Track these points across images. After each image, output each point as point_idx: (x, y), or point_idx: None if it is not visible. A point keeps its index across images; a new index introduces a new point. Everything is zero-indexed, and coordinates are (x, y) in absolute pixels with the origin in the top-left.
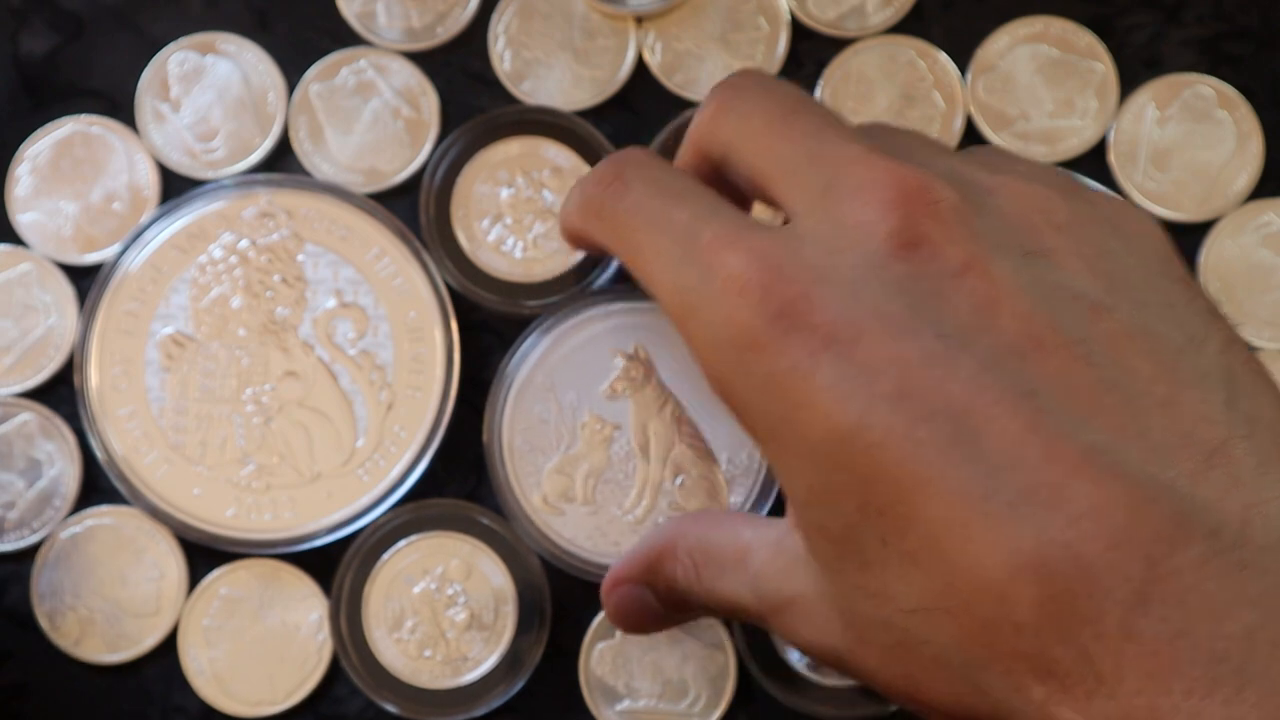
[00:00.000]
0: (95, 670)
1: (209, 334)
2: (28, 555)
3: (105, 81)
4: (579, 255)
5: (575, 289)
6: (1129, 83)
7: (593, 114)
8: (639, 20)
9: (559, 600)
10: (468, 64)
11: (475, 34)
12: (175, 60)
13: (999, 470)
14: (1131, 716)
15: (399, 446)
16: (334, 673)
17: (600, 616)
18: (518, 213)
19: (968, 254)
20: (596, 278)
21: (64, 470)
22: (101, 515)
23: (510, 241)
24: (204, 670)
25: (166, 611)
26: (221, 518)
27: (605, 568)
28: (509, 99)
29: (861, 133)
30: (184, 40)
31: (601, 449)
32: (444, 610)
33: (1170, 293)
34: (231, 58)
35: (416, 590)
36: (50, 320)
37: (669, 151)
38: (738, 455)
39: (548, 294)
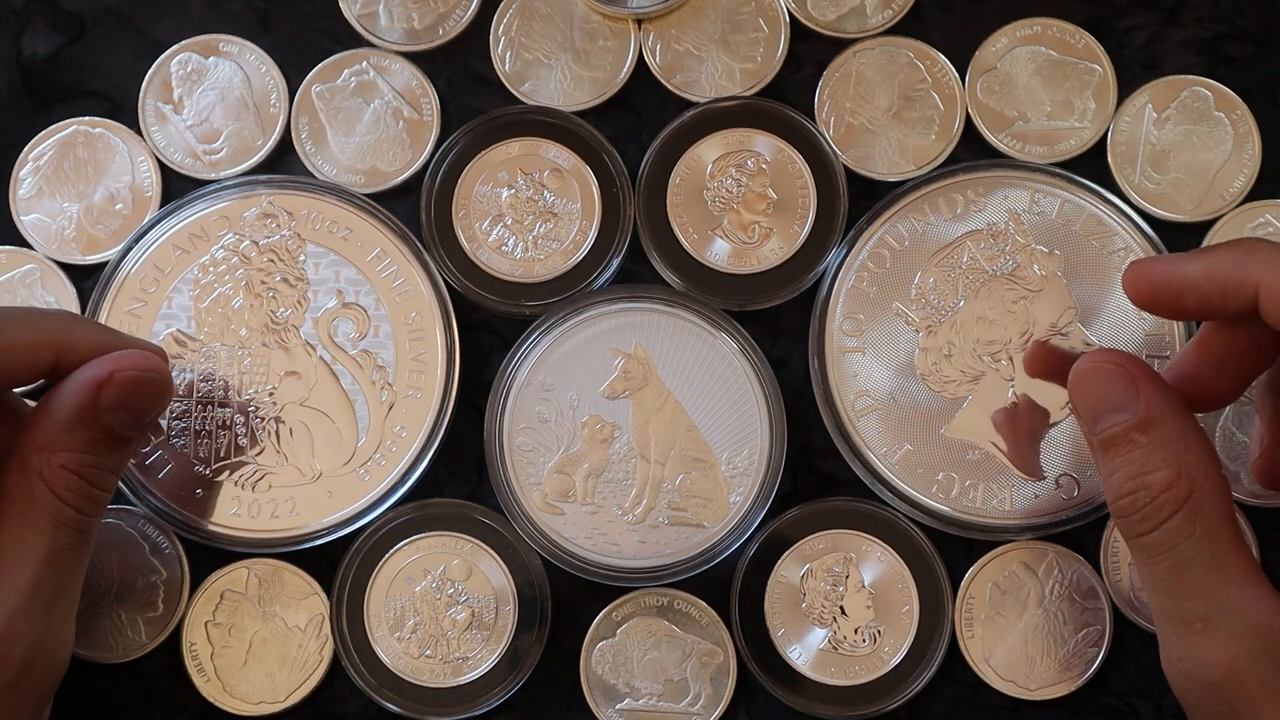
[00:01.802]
0: (96, 670)
1: (211, 334)
2: None
3: (107, 83)
4: (579, 255)
5: (575, 289)
6: (1127, 84)
7: (593, 114)
8: (639, 22)
9: (559, 600)
10: (469, 65)
11: (476, 35)
12: (177, 61)
13: None
14: None
15: (400, 446)
16: (334, 672)
17: (600, 616)
18: (518, 213)
19: None
20: (597, 278)
21: None
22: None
23: (510, 241)
24: (205, 669)
25: (167, 611)
26: (223, 517)
27: (605, 568)
28: (509, 100)
29: None
30: (186, 42)
31: (601, 448)
32: (445, 610)
33: None
34: (233, 59)
35: (417, 590)
36: None
37: (669, 151)
38: (738, 455)
39: (548, 294)
